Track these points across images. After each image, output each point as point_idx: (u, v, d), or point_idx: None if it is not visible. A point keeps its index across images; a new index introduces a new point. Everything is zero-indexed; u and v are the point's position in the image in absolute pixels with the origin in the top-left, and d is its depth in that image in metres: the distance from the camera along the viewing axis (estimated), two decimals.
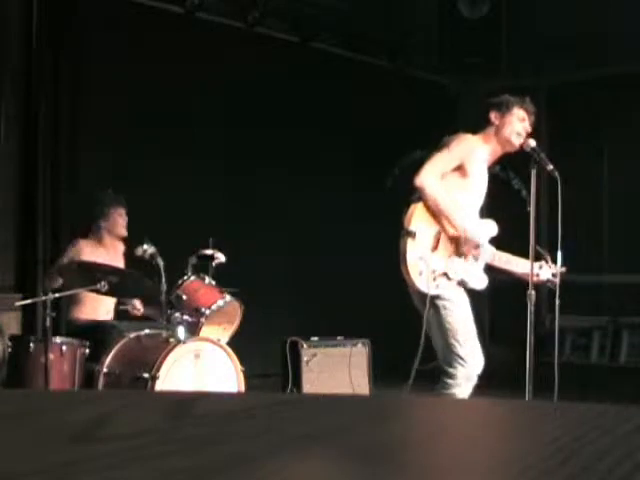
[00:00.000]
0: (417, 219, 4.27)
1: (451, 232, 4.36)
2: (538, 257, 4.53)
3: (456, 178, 4.39)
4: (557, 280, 4.57)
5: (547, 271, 4.56)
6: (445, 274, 4.33)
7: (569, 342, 9.36)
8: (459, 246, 4.38)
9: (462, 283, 4.40)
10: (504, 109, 4.50)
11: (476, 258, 4.42)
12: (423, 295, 4.26)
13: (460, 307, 4.37)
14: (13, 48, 6.88)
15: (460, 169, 4.40)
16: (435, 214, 4.31)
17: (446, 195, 4.31)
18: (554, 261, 4.54)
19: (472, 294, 4.50)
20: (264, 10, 8.12)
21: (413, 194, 4.35)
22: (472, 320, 4.40)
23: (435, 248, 4.32)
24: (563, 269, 4.58)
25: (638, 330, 9.15)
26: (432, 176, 4.29)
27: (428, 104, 9.58)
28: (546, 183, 5.45)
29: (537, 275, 4.50)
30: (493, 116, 4.51)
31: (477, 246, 4.40)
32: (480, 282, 4.49)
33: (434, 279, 4.29)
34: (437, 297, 4.33)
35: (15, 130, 6.86)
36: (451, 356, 4.29)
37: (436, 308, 4.33)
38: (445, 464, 0.80)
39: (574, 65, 9.09)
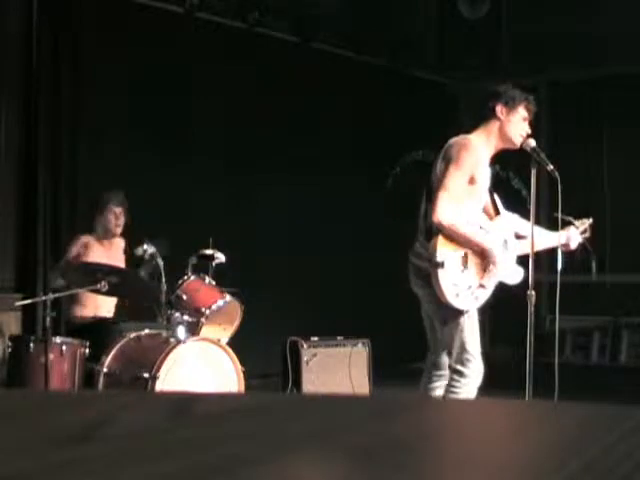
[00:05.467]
0: (441, 248, 4.20)
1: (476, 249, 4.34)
2: (562, 225, 4.60)
3: (465, 187, 4.28)
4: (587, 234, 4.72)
5: (575, 235, 4.66)
6: (481, 285, 4.32)
7: (569, 342, 9.37)
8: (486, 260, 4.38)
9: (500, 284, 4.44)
10: (511, 104, 4.31)
11: (492, 273, 4.38)
12: (453, 310, 4.25)
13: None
14: (13, 48, 6.87)
15: (470, 180, 4.29)
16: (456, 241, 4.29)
17: (462, 224, 4.23)
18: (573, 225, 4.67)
19: None
20: (264, 10, 8.12)
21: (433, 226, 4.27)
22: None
23: (465, 268, 4.29)
24: (589, 221, 4.74)
25: (638, 330, 9.15)
26: (448, 210, 4.18)
27: (428, 104, 9.59)
28: (546, 183, 5.45)
29: (567, 244, 4.61)
30: (499, 109, 4.31)
31: (494, 262, 4.36)
32: (515, 276, 4.47)
33: (472, 293, 4.28)
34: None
35: (15, 130, 6.86)
36: (464, 355, 4.25)
37: (456, 312, 4.28)
38: (445, 464, 0.80)
39: (574, 65, 9.10)
